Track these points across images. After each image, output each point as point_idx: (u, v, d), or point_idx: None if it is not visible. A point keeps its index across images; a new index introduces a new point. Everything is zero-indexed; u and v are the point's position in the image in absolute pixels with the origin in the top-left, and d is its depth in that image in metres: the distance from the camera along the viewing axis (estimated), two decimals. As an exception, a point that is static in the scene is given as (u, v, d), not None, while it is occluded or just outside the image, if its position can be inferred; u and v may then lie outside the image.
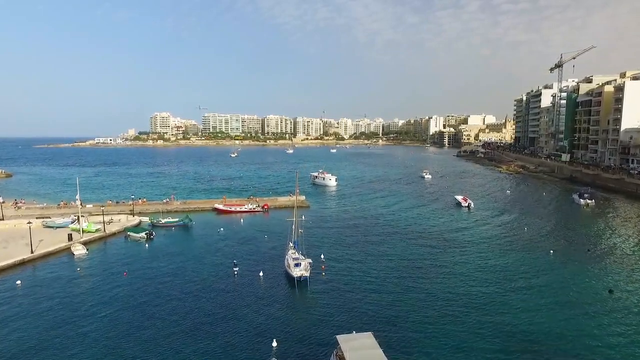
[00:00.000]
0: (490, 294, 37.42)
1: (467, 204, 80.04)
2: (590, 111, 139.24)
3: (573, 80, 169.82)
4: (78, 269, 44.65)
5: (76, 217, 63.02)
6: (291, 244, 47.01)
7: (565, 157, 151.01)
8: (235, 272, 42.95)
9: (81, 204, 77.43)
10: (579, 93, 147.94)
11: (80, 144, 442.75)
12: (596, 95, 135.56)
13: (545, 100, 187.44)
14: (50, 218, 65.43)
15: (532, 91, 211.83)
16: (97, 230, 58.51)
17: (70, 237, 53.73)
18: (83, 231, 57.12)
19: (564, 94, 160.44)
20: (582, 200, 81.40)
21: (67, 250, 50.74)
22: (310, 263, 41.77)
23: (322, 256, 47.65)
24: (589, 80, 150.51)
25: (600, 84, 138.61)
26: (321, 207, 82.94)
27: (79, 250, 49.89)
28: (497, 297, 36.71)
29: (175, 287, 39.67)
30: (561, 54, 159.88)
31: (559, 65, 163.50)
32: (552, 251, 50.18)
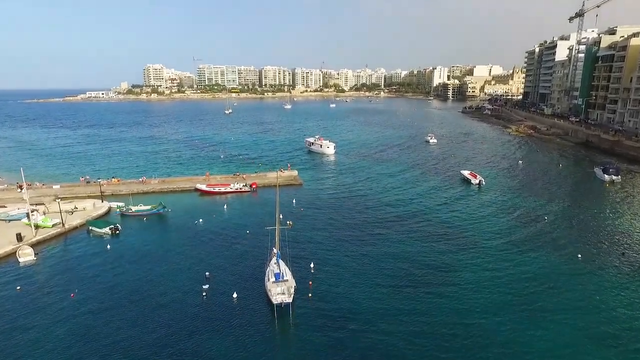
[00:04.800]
0: (507, 330, 30.28)
1: (477, 182, 71.90)
2: (611, 67, 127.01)
3: (592, 31, 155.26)
4: (18, 287, 37.18)
5: (35, 206, 55.50)
6: (275, 251, 39.71)
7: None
8: (204, 293, 35.71)
9: (42, 185, 70.13)
10: (600, 46, 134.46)
11: (71, 98, 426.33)
12: (620, 49, 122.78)
13: (561, 53, 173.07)
14: (5, 207, 57.63)
15: (545, 42, 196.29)
16: (54, 225, 50.72)
17: (19, 237, 46.14)
18: (37, 227, 49.56)
19: (582, 47, 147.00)
20: (606, 175, 72.93)
21: (14, 255, 43.40)
22: (294, 287, 34.40)
23: (312, 265, 40.39)
24: (612, 32, 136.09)
25: (626, 36, 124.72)
26: (316, 184, 74.79)
27: (25, 256, 42.50)
28: (517, 333, 29.62)
29: (128, 313, 32.75)
30: (583, 1, 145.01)
31: (579, 14, 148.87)
32: (579, 255, 42.68)
